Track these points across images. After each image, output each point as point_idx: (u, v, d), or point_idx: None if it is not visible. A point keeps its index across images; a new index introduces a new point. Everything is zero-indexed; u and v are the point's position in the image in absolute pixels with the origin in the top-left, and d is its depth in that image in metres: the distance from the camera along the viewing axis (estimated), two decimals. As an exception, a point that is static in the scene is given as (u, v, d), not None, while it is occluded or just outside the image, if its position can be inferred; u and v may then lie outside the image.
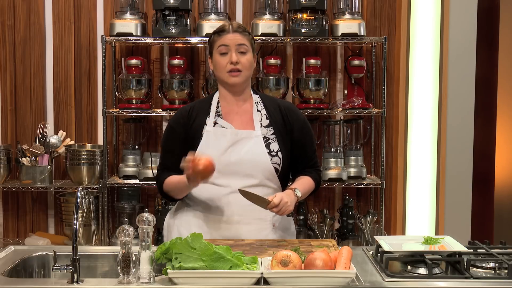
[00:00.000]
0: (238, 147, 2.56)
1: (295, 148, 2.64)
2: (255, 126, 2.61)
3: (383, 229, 3.96)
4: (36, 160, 3.98)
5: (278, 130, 2.61)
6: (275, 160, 2.57)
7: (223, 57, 2.58)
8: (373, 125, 4.18)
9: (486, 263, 2.16)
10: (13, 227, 4.22)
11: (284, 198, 2.45)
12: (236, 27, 2.60)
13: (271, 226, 2.60)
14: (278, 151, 2.59)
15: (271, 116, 2.64)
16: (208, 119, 2.62)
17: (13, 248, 2.42)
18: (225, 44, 2.57)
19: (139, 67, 3.94)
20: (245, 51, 2.58)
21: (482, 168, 4.14)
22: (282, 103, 2.72)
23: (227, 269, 1.98)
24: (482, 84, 4.08)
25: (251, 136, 2.58)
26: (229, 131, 2.58)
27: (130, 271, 1.99)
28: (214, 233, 2.55)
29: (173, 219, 2.71)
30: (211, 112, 2.63)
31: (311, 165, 2.71)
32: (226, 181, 2.55)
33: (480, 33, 3.99)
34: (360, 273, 2.09)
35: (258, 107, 2.66)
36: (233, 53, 2.56)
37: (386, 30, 4.18)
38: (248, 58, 2.59)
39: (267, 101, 2.69)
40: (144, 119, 4.13)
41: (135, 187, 3.99)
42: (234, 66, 2.56)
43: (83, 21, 4.16)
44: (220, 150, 2.55)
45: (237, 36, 2.58)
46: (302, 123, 2.68)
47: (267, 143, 2.58)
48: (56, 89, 4.19)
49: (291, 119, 2.65)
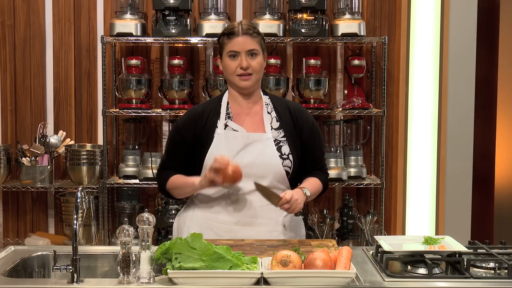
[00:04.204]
0: (250, 150, 2.55)
1: (303, 150, 2.63)
2: (266, 128, 2.59)
3: (383, 229, 3.96)
4: (36, 160, 3.99)
5: (289, 133, 2.60)
6: (286, 163, 2.57)
7: (233, 61, 2.56)
8: (373, 125, 4.18)
9: (486, 263, 2.16)
10: (13, 227, 4.22)
11: (294, 196, 2.45)
12: (246, 29, 2.56)
13: (282, 227, 2.60)
14: (289, 154, 2.58)
15: (281, 118, 2.62)
16: (219, 121, 2.59)
17: (13, 248, 2.42)
18: (235, 49, 2.55)
19: (139, 67, 3.94)
20: (255, 54, 2.56)
21: (482, 168, 4.15)
22: (291, 105, 2.70)
23: (227, 269, 1.98)
24: (482, 84, 4.08)
25: (262, 139, 2.56)
26: (241, 134, 2.57)
27: (130, 271, 1.99)
28: (225, 235, 2.55)
29: (183, 220, 2.69)
30: (221, 114, 2.61)
31: (319, 168, 2.70)
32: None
33: (480, 33, 3.99)
34: (360, 273, 2.09)
35: (268, 108, 2.64)
36: (243, 57, 2.54)
37: (386, 30, 4.18)
38: (258, 61, 2.57)
39: (277, 103, 2.67)
40: (144, 119, 4.13)
41: (135, 187, 3.99)
42: (244, 71, 2.55)
43: (83, 21, 4.17)
44: (232, 153, 2.53)
45: (247, 40, 2.55)
46: (312, 125, 2.67)
47: (278, 146, 2.57)
48: (56, 89, 4.19)
49: (301, 121, 2.64)
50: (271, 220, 2.57)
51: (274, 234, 2.56)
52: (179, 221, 2.72)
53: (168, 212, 3.85)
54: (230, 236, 2.54)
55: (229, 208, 2.56)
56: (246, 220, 2.55)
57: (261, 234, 2.53)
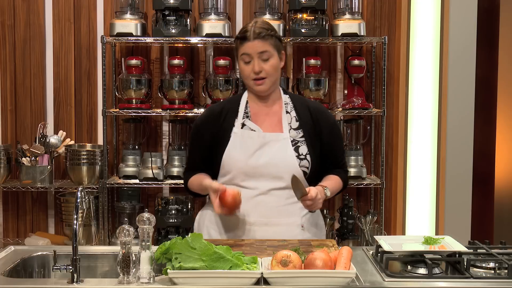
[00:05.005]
0: (266, 150, 2.54)
1: (323, 150, 2.62)
2: (284, 128, 2.58)
3: (383, 229, 3.96)
4: (36, 160, 3.98)
5: (307, 133, 2.59)
6: (303, 163, 2.56)
7: (247, 65, 2.55)
8: (373, 125, 4.18)
9: (486, 263, 2.16)
10: (13, 227, 4.22)
11: (318, 194, 2.44)
12: (258, 32, 2.53)
13: (300, 227, 2.59)
14: (307, 155, 2.57)
15: (301, 118, 2.61)
16: (236, 121, 2.59)
17: (13, 248, 2.42)
18: (247, 53, 2.54)
19: (139, 67, 3.94)
20: (268, 57, 2.54)
21: (482, 168, 4.14)
22: (311, 104, 2.69)
23: (227, 269, 1.98)
24: (482, 84, 4.08)
25: (279, 139, 2.56)
26: (257, 134, 2.56)
27: (130, 271, 1.99)
28: (243, 235, 2.55)
29: (203, 220, 2.71)
30: (239, 113, 2.61)
31: (340, 166, 2.70)
32: (254, 183, 2.54)
33: (480, 33, 3.99)
34: (360, 273, 2.09)
35: (287, 108, 2.63)
36: (255, 62, 2.53)
37: (386, 30, 4.18)
38: (272, 64, 2.55)
39: (297, 102, 2.66)
40: (144, 119, 4.13)
41: (135, 187, 3.99)
42: (257, 76, 2.54)
43: (83, 21, 4.16)
44: (248, 153, 2.53)
45: (258, 44, 2.53)
46: (332, 125, 2.66)
47: (296, 146, 2.57)
48: (56, 89, 4.19)
49: (321, 121, 2.63)
50: (289, 220, 2.57)
51: (292, 234, 2.55)
52: (199, 220, 2.73)
53: (168, 212, 3.85)
54: (247, 236, 2.54)
55: (246, 208, 2.54)
56: (263, 220, 2.55)
57: (279, 234, 2.52)
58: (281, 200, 2.54)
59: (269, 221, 2.55)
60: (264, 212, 2.55)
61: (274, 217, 2.55)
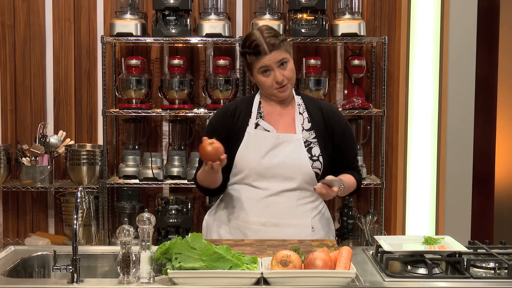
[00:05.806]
0: (279, 150, 2.54)
1: (335, 151, 2.61)
2: (297, 129, 2.58)
3: (383, 229, 3.96)
4: (36, 160, 3.98)
5: (320, 134, 2.59)
6: (316, 165, 2.55)
7: (266, 77, 2.53)
8: (373, 125, 4.18)
9: (486, 263, 2.15)
10: (13, 227, 4.22)
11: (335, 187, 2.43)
12: (272, 44, 2.50)
13: (310, 228, 2.58)
14: (320, 156, 2.56)
15: (313, 119, 2.61)
16: (250, 120, 2.59)
17: (13, 248, 2.42)
18: (266, 65, 2.51)
19: (139, 67, 3.94)
20: (286, 62, 2.53)
21: (482, 168, 4.15)
22: (324, 106, 2.68)
23: (227, 269, 1.98)
24: (482, 84, 4.08)
25: (292, 140, 2.55)
26: (270, 134, 2.56)
27: (130, 271, 1.99)
28: (253, 235, 2.54)
29: (212, 219, 2.70)
30: (252, 113, 2.60)
31: (352, 168, 2.68)
32: (266, 184, 2.54)
33: (480, 33, 3.99)
34: (360, 273, 2.08)
35: (300, 109, 2.63)
36: (276, 72, 2.51)
37: (386, 30, 4.18)
38: (290, 68, 2.54)
39: (309, 103, 2.65)
40: (144, 119, 4.13)
41: (135, 187, 3.99)
42: (280, 85, 2.53)
43: (83, 21, 4.17)
44: (261, 153, 2.53)
45: (276, 55, 2.51)
46: (344, 126, 2.65)
47: (309, 148, 2.56)
48: (56, 89, 4.19)
49: (333, 122, 2.62)
50: (300, 221, 2.56)
51: (302, 235, 2.54)
52: (208, 220, 2.72)
53: (168, 212, 3.85)
54: (257, 236, 2.53)
55: (257, 209, 2.54)
56: (273, 221, 2.54)
57: (289, 235, 2.52)
58: (292, 201, 2.54)
59: (280, 222, 2.54)
60: (275, 213, 2.54)
61: (285, 218, 2.54)
